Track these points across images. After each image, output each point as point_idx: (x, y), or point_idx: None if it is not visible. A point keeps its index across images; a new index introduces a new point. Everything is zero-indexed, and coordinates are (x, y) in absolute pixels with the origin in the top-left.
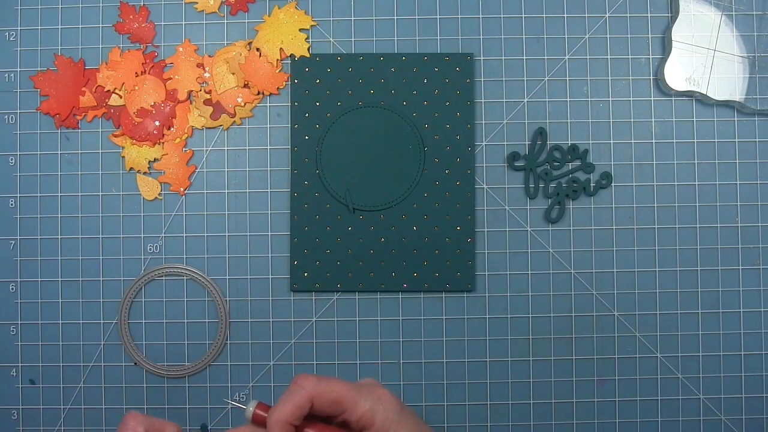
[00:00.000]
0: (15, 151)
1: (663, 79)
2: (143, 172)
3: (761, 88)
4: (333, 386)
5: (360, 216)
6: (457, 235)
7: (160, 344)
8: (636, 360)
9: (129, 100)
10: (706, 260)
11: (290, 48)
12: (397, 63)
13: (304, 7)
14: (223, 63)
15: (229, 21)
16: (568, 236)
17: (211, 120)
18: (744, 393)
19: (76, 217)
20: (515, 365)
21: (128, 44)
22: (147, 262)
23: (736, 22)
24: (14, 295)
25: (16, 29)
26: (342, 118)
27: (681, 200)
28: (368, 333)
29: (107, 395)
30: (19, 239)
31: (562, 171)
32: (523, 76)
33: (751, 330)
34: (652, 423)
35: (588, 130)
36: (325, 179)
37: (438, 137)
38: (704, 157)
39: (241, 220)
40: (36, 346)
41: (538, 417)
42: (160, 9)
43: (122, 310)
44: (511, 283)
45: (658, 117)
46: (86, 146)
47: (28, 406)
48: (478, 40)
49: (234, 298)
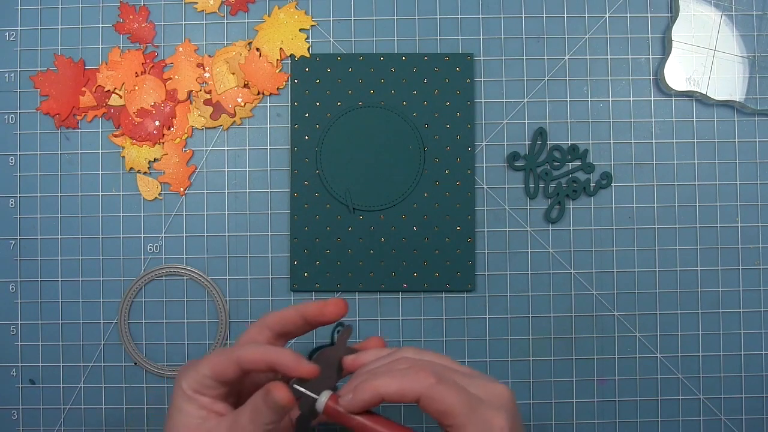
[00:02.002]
0: (15, 151)
1: (663, 79)
2: (143, 172)
3: (761, 88)
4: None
5: (360, 216)
6: (457, 235)
7: (160, 344)
8: (636, 360)
9: (129, 100)
10: (706, 260)
11: (290, 48)
12: (397, 63)
13: (304, 7)
14: (223, 63)
15: (229, 21)
16: (568, 236)
17: (211, 120)
18: (744, 393)
19: (76, 217)
20: (515, 365)
21: (128, 44)
22: (147, 262)
23: (736, 22)
24: (14, 295)
25: (16, 29)
26: (342, 118)
27: (681, 200)
28: (368, 333)
29: (107, 395)
30: (19, 239)
31: (562, 171)
32: (523, 76)
33: (751, 330)
34: (652, 423)
35: (588, 130)
36: (325, 179)
37: (438, 137)
38: (704, 157)
39: (241, 220)
40: (36, 346)
41: (538, 417)
42: (160, 9)
43: (122, 310)
44: (511, 283)
45: (658, 117)
46: (86, 146)
47: (28, 406)
48: (478, 40)
49: (234, 298)
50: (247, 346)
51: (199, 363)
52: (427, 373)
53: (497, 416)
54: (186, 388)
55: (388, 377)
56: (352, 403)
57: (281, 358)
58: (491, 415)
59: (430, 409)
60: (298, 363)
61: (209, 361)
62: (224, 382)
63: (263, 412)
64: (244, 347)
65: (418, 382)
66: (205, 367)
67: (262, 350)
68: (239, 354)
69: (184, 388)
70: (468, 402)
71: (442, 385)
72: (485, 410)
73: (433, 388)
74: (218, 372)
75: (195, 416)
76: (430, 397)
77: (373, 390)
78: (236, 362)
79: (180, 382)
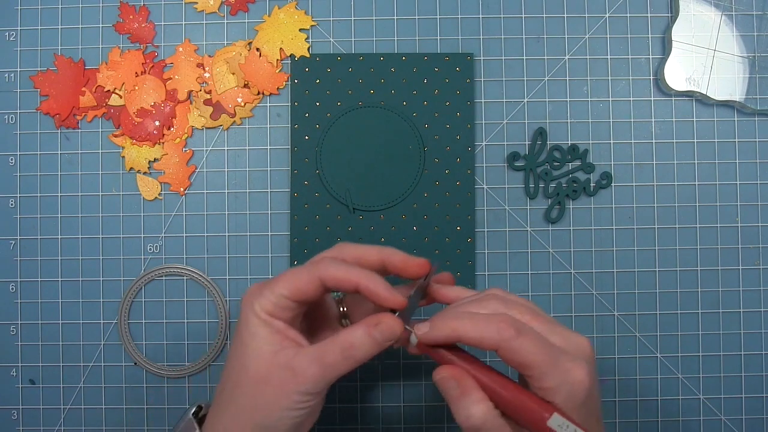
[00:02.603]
0: (15, 151)
1: (663, 79)
2: (143, 172)
3: (761, 88)
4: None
5: (360, 216)
6: (457, 235)
7: (160, 344)
8: (636, 360)
9: (129, 100)
10: (706, 260)
11: (290, 48)
12: (397, 63)
13: (304, 7)
14: (223, 63)
15: (229, 21)
16: (568, 236)
17: (211, 120)
18: (744, 393)
19: (76, 217)
20: None
21: (128, 44)
22: (147, 262)
23: (736, 22)
24: (14, 295)
25: (16, 29)
26: (342, 118)
27: (681, 200)
28: None
29: (107, 395)
30: (19, 239)
31: (562, 171)
32: (523, 76)
33: (751, 330)
34: (652, 423)
35: (588, 130)
36: (325, 179)
37: (438, 137)
38: (704, 157)
39: (241, 220)
40: (36, 346)
41: None
42: (160, 9)
43: (122, 310)
44: (511, 283)
45: (658, 117)
46: (86, 146)
47: (28, 406)
48: (478, 40)
49: (234, 298)
50: (331, 263)
51: (271, 284)
52: (507, 324)
53: (577, 367)
54: (259, 311)
55: (469, 322)
56: (427, 335)
57: (373, 283)
58: (571, 366)
59: (509, 359)
60: (391, 293)
61: (285, 280)
62: (303, 301)
63: (364, 344)
64: (327, 264)
65: (497, 333)
66: (282, 286)
67: (351, 270)
68: (323, 271)
69: (257, 311)
70: (548, 353)
71: (521, 337)
72: (565, 361)
73: (512, 341)
74: (298, 289)
75: (270, 342)
76: (509, 349)
77: (451, 330)
78: (319, 278)
79: (251, 305)
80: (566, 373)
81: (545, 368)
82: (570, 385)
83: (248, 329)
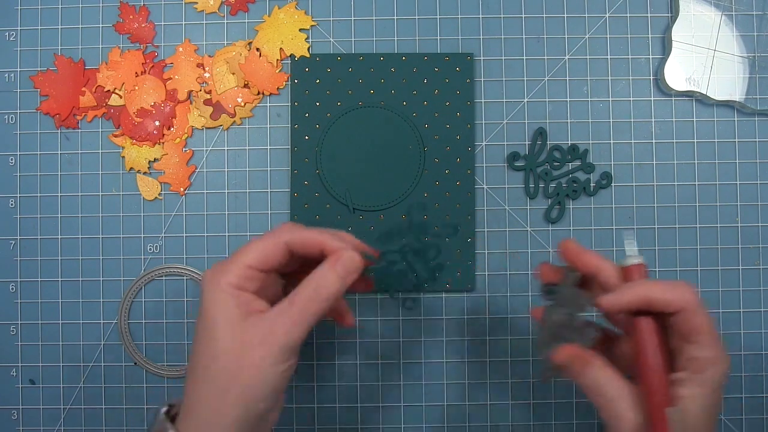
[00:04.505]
0: (15, 151)
1: (663, 79)
2: (143, 172)
3: (761, 88)
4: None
5: (360, 216)
6: (457, 235)
7: (160, 344)
8: None
9: (129, 100)
10: (706, 260)
11: (290, 48)
12: (397, 63)
13: (304, 7)
14: (223, 63)
15: (229, 21)
16: (568, 236)
17: (211, 120)
18: (744, 393)
19: (76, 217)
20: (515, 365)
21: (128, 44)
22: (147, 262)
23: (736, 22)
24: (14, 295)
25: (16, 29)
26: (342, 118)
27: (681, 200)
28: (368, 333)
29: (107, 395)
30: (19, 239)
31: (562, 171)
32: (523, 76)
33: (751, 330)
34: None
35: (588, 130)
36: (325, 179)
37: (438, 137)
38: (704, 157)
39: (241, 220)
40: (36, 346)
41: (538, 417)
42: (160, 9)
43: (122, 310)
44: (511, 283)
45: (658, 117)
46: (86, 146)
47: (28, 406)
48: (478, 40)
49: None
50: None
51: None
52: (692, 291)
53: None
54: (225, 286)
55: (655, 284)
56: (613, 300)
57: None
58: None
59: (685, 323)
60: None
61: (250, 250)
62: (269, 269)
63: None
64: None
65: (685, 295)
66: (247, 256)
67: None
68: (288, 235)
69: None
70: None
71: (702, 307)
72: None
73: (697, 306)
74: (265, 256)
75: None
76: (692, 312)
77: (636, 293)
78: (285, 243)
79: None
80: (721, 353)
81: (711, 341)
82: (718, 366)
83: (215, 306)
